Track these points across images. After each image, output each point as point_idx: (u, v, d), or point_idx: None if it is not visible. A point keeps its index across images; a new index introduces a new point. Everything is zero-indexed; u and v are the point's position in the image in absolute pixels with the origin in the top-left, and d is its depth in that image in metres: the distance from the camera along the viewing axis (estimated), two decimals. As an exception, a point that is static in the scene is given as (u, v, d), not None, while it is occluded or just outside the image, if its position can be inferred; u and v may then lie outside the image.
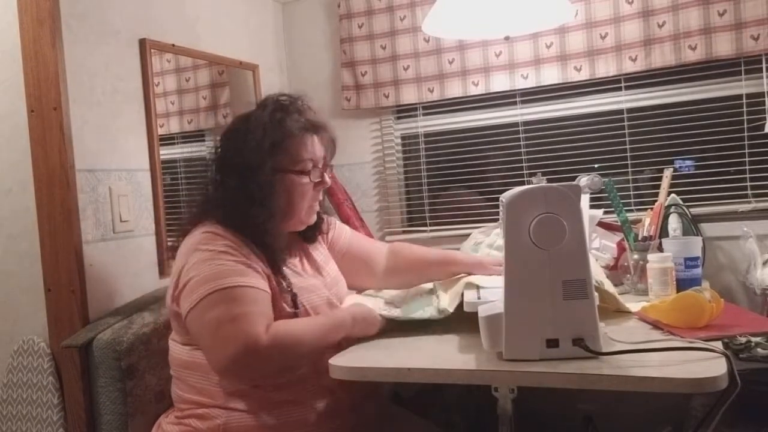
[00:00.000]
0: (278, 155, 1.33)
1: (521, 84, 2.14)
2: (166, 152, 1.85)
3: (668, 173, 1.74)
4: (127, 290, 1.65)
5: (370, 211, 2.41)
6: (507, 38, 1.98)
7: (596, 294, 1.12)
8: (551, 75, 2.09)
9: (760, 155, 1.94)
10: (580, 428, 1.40)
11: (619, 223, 1.68)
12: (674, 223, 1.87)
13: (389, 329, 1.37)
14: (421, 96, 2.25)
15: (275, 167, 1.32)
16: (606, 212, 1.86)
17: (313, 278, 1.43)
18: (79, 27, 1.60)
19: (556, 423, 1.59)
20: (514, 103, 2.22)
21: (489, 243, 1.81)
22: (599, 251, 1.77)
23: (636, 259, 1.62)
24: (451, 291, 1.43)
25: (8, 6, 1.55)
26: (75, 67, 1.57)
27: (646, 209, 1.79)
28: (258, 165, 1.30)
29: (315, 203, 1.42)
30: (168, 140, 1.88)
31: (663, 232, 1.81)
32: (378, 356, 1.24)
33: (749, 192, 1.94)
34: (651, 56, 1.96)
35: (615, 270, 1.71)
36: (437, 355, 1.20)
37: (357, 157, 2.41)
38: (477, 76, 2.18)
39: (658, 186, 1.76)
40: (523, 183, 2.17)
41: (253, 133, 1.32)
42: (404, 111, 2.39)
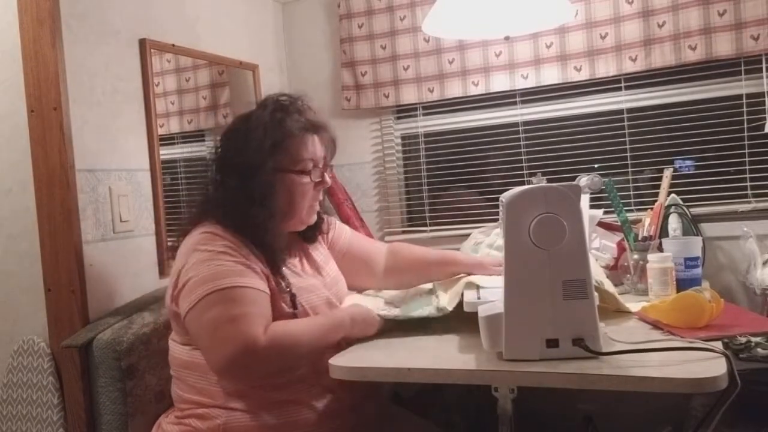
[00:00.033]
0: (279, 155, 1.33)
1: (521, 84, 2.14)
2: (166, 152, 1.85)
3: (668, 173, 1.74)
4: (127, 290, 1.65)
5: (370, 211, 2.41)
6: (507, 38, 1.98)
7: (596, 294, 1.12)
8: (551, 75, 2.09)
9: (760, 155, 1.94)
10: (580, 428, 1.40)
11: (619, 223, 1.68)
12: (674, 223, 1.87)
13: (389, 329, 1.37)
14: (421, 96, 2.25)
15: (276, 167, 1.32)
16: (606, 212, 1.86)
17: (313, 278, 1.43)
18: (79, 27, 1.60)
19: (556, 423, 1.59)
20: (514, 103, 2.22)
21: (489, 243, 1.81)
22: (599, 251, 1.77)
23: (636, 259, 1.62)
24: (451, 291, 1.43)
25: (8, 6, 1.55)
26: (75, 67, 1.57)
27: (646, 209, 1.79)
28: (258, 165, 1.30)
29: (315, 203, 1.42)
30: (168, 140, 1.88)
31: (663, 232, 1.81)
32: (378, 356, 1.24)
33: (749, 192, 1.94)
34: (651, 56, 1.96)
35: (615, 270, 1.71)
36: (437, 355, 1.20)
37: (357, 157, 2.41)
38: (477, 76, 2.18)
39: (658, 186, 1.76)
40: (523, 183, 2.17)
41: (254, 133, 1.32)
42: (404, 111, 2.39)
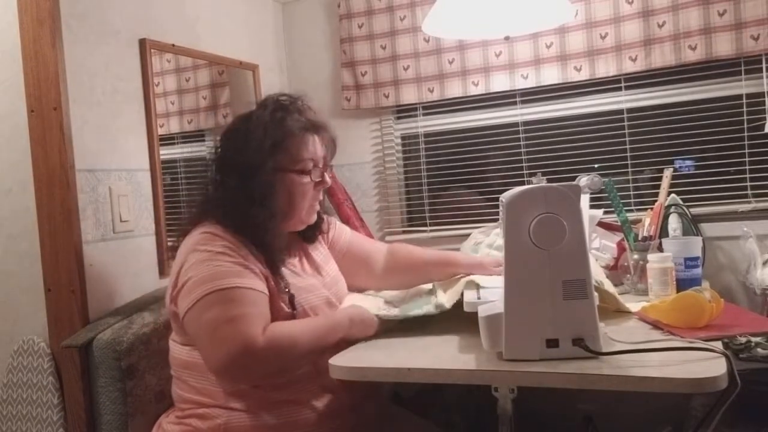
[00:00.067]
0: (279, 155, 1.33)
1: (521, 84, 2.14)
2: (166, 152, 1.85)
3: (668, 173, 1.74)
4: (127, 290, 1.65)
5: (370, 211, 2.41)
6: (507, 38, 1.98)
7: (596, 294, 1.12)
8: (551, 75, 2.09)
9: (760, 155, 1.94)
10: (580, 428, 1.40)
11: (619, 223, 1.68)
12: (674, 223, 1.87)
13: (389, 329, 1.37)
14: (421, 96, 2.25)
15: (276, 167, 1.32)
16: (606, 212, 1.86)
17: (312, 278, 1.43)
18: (79, 27, 1.60)
19: (556, 423, 1.59)
20: (514, 103, 2.21)
21: (489, 243, 1.82)
22: (599, 251, 1.77)
23: (636, 259, 1.62)
24: (450, 291, 1.43)
25: (8, 6, 1.55)
26: (75, 67, 1.57)
27: (646, 209, 1.79)
28: (259, 164, 1.30)
29: (315, 203, 1.42)
30: (168, 140, 1.88)
31: (663, 232, 1.81)
32: (378, 356, 1.24)
33: (749, 192, 1.94)
34: (651, 56, 1.96)
35: (615, 270, 1.71)
36: (437, 355, 1.20)
37: (357, 157, 2.41)
38: (477, 76, 2.18)
39: (658, 186, 1.76)
40: (523, 183, 2.17)
41: (254, 133, 1.32)
42: (404, 111, 2.39)
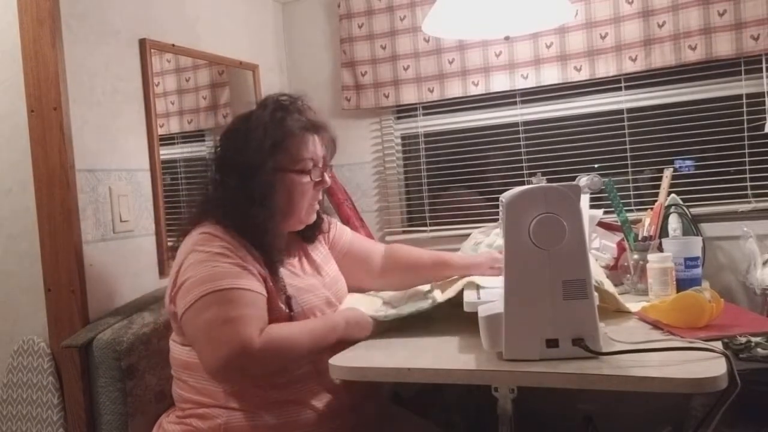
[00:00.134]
0: (279, 154, 1.33)
1: (521, 84, 2.14)
2: (166, 152, 1.85)
3: (668, 173, 1.74)
4: (127, 290, 1.65)
5: (370, 211, 2.41)
6: (507, 38, 1.98)
7: (596, 294, 1.12)
8: (551, 75, 2.09)
9: (760, 155, 1.94)
10: (580, 428, 1.40)
11: (619, 223, 1.68)
12: (674, 223, 1.87)
13: (385, 330, 1.37)
14: (421, 96, 2.25)
15: (276, 166, 1.32)
16: (606, 212, 1.86)
17: (312, 278, 1.43)
18: (79, 27, 1.60)
19: (556, 423, 1.59)
20: (514, 103, 2.21)
21: (489, 243, 1.82)
22: (599, 251, 1.77)
23: (636, 259, 1.62)
24: (447, 291, 1.43)
25: (8, 6, 1.55)
26: (75, 67, 1.57)
27: (646, 209, 1.79)
28: (259, 164, 1.30)
29: (315, 203, 1.42)
30: (168, 140, 1.88)
31: (663, 232, 1.81)
32: (378, 356, 1.24)
33: (749, 192, 1.94)
34: (651, 56, 1.96)
35: (615, 270, 1.71)
36: (437, 355, 1.20)
37: (357, 157, 2.41)
38: (477, 76, 2.18)
39: (658, 186, 1.76)
40: (523, 183, 2.17)
41: (254, 133, 1.32)
42: (404, 111, 2.39)
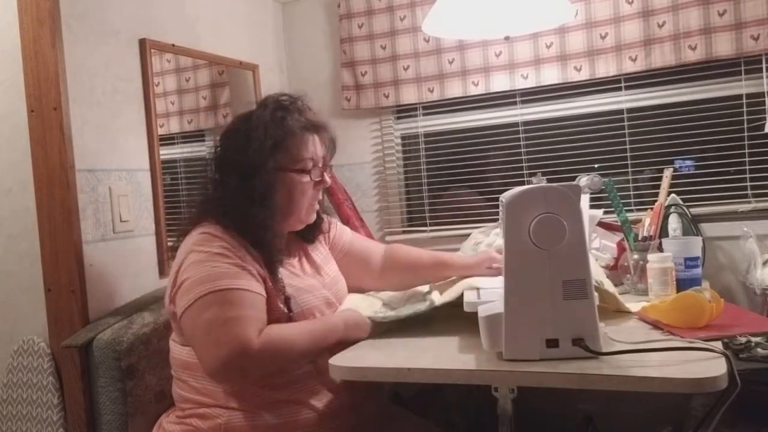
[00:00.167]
0: (279, 154, 1.33)
1: (521, 84, 2.14)
2: (166, 152, 1.85)
3: (668, 173, 1.74)
4: (127, 290, 1.65)
5: (370, 211, 2.41)
6: (507, 38, 1.98)
7: (596, 294, 1.12)
8: (551, 75, 2.09)
9: (760, 155, 1.94)
10: (580, 428, 1.40)
11: (619, 223, 1.68)
12: (674, 223, 1.87)
13: (388, 330, 1.37)
14: (421, 96, 2.25)
15: (276, 166, 1.32)
16: (606, 212, 1.86)
17: (312, 278, 1.43)
18: (79, 27, 1.60)
19: (556, 423, 1.59)
20: (514, 103, 2.22)
21: (489, 243, 1.82)
22: (599, 251, 1.77)
23: (636, 259, 1.62)
24: (446, 293, 1.43)
25: (8, 6, 1.55)
26: (75, 67, 1.57)
27: (646, 209, 1.79)
28: (259, 164, 1.30)
29: (315, 202, 1.42)
30: (168, 140, 1.88)
31: (663, 232, 1.81)
32: (378, 356, 1.24)
33: (749, 192, 1.94)
34: (651, 56, 1.96)
35: (615, 270, 1.71)
36: (437, 355, 1.20)
37: (357, 157, 2.41)
38: (477, 76, 2.18)
39: (658, 186, 1.76)
40: (523, 183, 2.17)
41: (255, 132, 1.32)
42: (404, 111, 2.39)
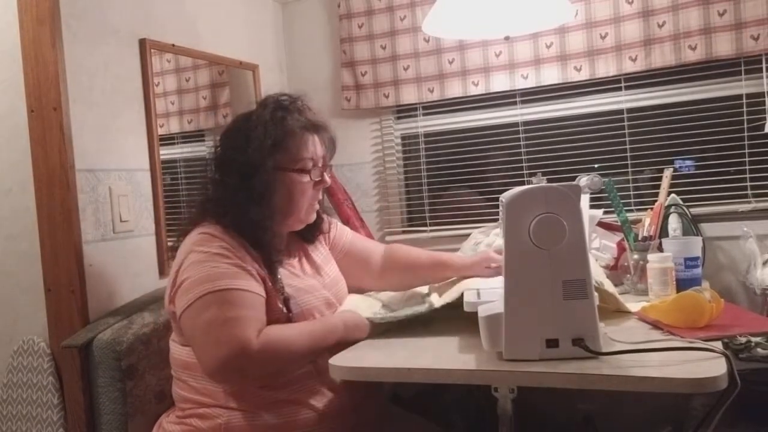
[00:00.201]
0: (279, 154, 1.33)
1: (521, 84, 2.14)
2: (166, 152, 1.85)
3: (668, 173, 1.74)
4: (127, 290, 1.65)
5: (370, 211, 2.41)
6: (507, 38, 1.98)
7: (596, 294, 1.12)
8: (551, 75, 2.09)
9: (760, 155, 1.94)
10: (580, 428, 1.40)
11: (619, 223, 1.68)
12: (674, 223, 1.87)
13: (388, 330, 1.37)
14: (421, 96, 2.25)
15: (276, 166, 1.32)
16: (606, 212, 1.86)
17: (312, 279, 1.43)
18: (79, 27, 1.60)
19: (556, 423, 1.59)
20: (514, 103, 2.21)
21: (489, 243, 1.82)
22: (599, 251, 1.77)
23: (636, 259, 1.62)
24: (446, 294, 1.43)
25: (8, 6, 1.55)
26: (75, 67, 1.57)
27: (646, 209, 1.79)
28: (259, 164, 1.30)
29: (314, 202, 1.42)
30: (168, 140, 1.88)
31: (663, 232, 1.81)
32: (378, 356, 1.24)
33: (749, 192, 1.94)
34: (651, 56, 1.96)
35: (615, 270, 1.71)
36: (437, 355, 1.20)
37: (357, 157, 2.41)
38: (477, 76, 2.18)
39: (658, 186, 1.76)
40: (523, 183, 2.17)
41: (255, 132, 1.32)
42: (404, 111, 2.39)
